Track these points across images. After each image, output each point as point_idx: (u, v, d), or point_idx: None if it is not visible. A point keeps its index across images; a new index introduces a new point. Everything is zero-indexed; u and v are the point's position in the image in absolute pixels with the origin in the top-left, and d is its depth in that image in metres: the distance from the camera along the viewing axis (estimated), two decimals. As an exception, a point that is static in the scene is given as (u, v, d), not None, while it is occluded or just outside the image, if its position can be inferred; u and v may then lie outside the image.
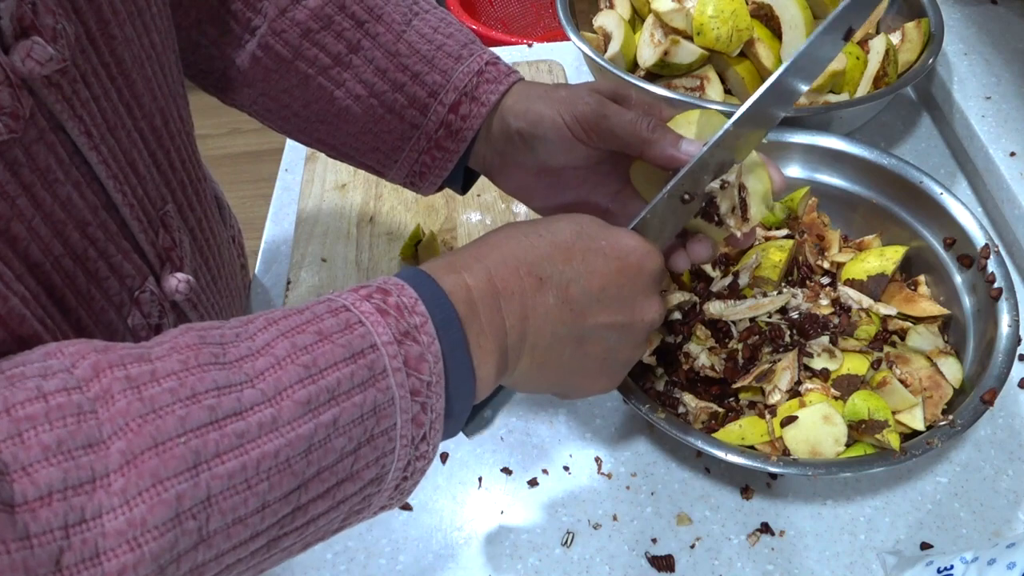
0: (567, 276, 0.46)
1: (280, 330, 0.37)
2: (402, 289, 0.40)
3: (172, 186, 0.52)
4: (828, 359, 0.64)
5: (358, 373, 0.37)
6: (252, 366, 0.35)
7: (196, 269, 0.54)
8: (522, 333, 0.45)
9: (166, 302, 0.50)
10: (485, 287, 0.44)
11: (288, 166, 0.95)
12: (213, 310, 0.57)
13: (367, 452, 0.38)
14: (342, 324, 0.38)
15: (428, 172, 0.60)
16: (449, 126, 0.57)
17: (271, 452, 0.34)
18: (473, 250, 0.46)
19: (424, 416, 0.39)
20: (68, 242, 0.41)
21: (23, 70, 0.37)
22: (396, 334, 0.38)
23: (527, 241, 0.47)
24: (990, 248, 0.67)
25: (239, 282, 0.69)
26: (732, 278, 0.71)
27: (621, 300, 0.48)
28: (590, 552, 0.61)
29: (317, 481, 0.36)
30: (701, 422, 0.64)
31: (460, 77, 0.57)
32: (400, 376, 0.38)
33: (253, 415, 0.34)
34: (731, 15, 0.83)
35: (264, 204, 0.91)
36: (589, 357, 0.49)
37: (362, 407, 0.37)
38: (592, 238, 0.48)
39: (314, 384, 0.36)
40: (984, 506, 0.63)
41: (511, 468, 0.66)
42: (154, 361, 0.34)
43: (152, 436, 0.32)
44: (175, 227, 0.51)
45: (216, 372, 0.34)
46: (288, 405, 0.35)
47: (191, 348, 0.35)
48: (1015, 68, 0.91)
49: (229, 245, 0.66)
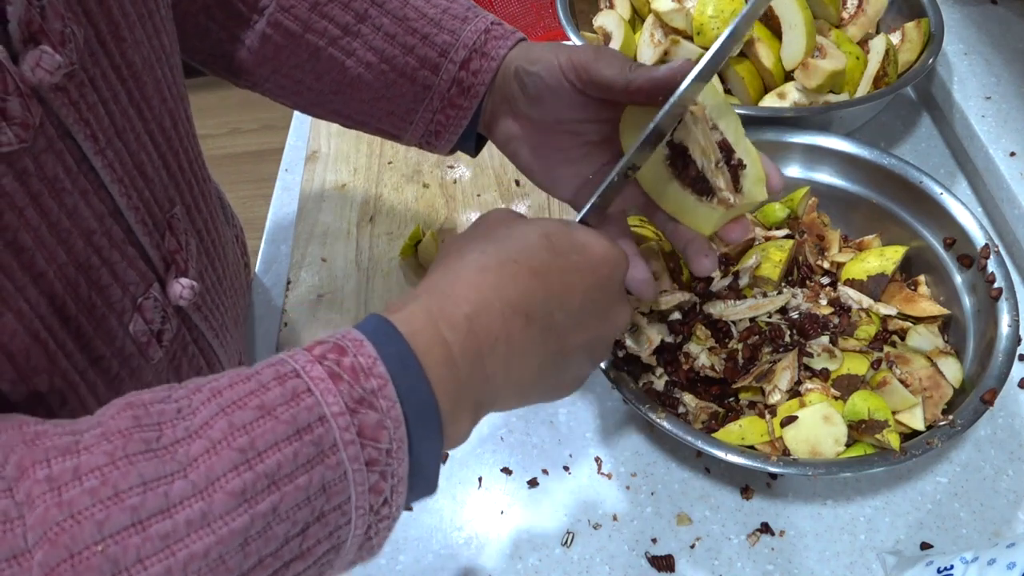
0: (549, 303, 0.44)
1: (221, 405, 0.34)
2: (360, 347, 0.37)
3: (180, 188, 0.52)
4: (828, 359, 0.64)
5: (303, 452, 0.34)
6: (187, 451, 0.33)
7: (202, 271, 0.54)
8: (504, 376, 0.43)
9: (170, 308, 0.49)
10: (467, 342, 0.40)
11: (288, 166, 0.95)
12: (217, 312, 0.56)
13: (317, 530, 0.35)
14: (288, 394, 0.35)
15: (443, 131, 0.61)
16: (461, 83, 0.58)
17: (200, 552, 0.32)
18: (453, 287, 0.42)
19: (384, 483, 0.37)
20: (72, 251, 0.41)
21: (32, 79, 0.37)
22: (349, 402, 0.35)
23: (506, 274, 0.43)
24: (990, 248, 0.67)
25: (242, 281, 0.70)
26: (732, 278, 0.71)
27: (597, 313, 0.47)
28: (590, 552, 0.61)
29: (259, 569, 0.34)
30: (701, 422, 0.64)
31: (468, 35, 0.58)
32: (353, 449, 0.35)
33: (181, 512, 0.32)
34: (731, 15, 0.83)
35: (264, 204, 0.91)
36: (566, 371, 0.48)
37: (307, 489, 0.34)
38: (563, 253, 0.46)
39: (250, 471, 0.33)
40: (984, 506, 0.63)
41: (511, 468, 0.66)
42: (80, 453, 0.32)
43: (67, 546, 0.30)
44: (182, 229, 0.51)
45: (144, 463, 0.32)
46: (220, 497, 0.32)
47: (122, 434, 0.33)
48: (1015, 68, 0.91)
49: (233, 245, 0.66)
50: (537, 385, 0.46)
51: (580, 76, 0.53)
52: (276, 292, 0.81)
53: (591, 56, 0.52)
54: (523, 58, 0.56)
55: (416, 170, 0.91)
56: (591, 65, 0.52)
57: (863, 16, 0.90)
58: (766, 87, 0.88)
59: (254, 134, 2.52)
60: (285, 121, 1.02)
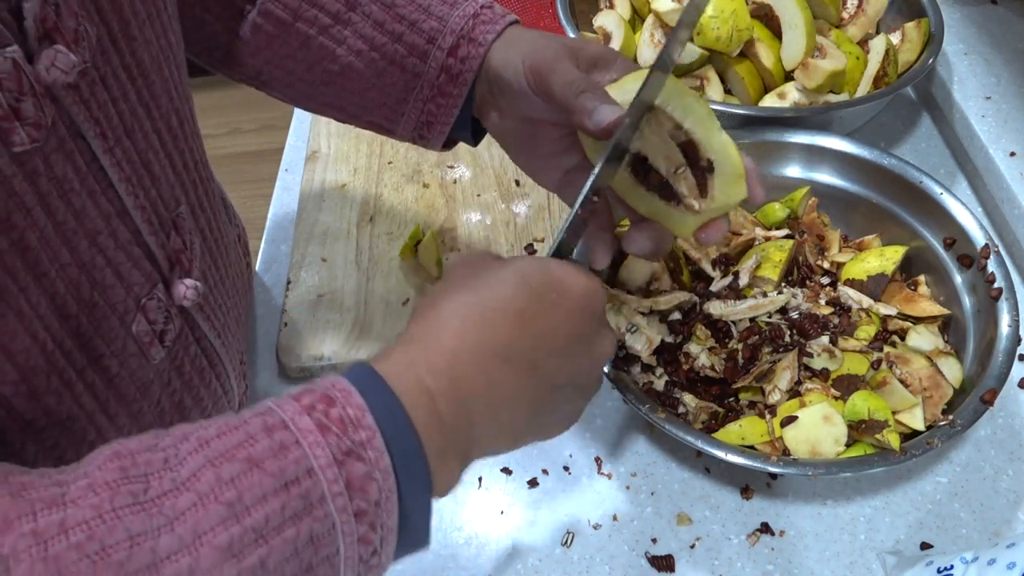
0: (532, 347, 0.43)
1: (208, 456, 0.34)
2: (348, 397, 0.37)
3: (186, 186, 0.52)
4: (828, 359, 0.64)
5: (290, 505, 0.34)
6: (173, 504, 0.33)
7: (205, 271, 0.54)
8: (489, 422, 0.42)
9: (173, 308, 0.49)
10: (448, 390, 0.40)
11: (288, 166, 0.95)
12: (220, 312, 0.56)
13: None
14: (276, 446, 0.35)
15: (435, 121, 0.60)
16: (449, 70, 0.57)
17: None
18: (435, 336, 0.42)
19: (373, 534, 0.36)
20: (76, 251, 0.41)
21: (47, 79, 0.37)
22: (337, 454, 0.35)
23: (487, 322, 0.42)
24: (990, 248, 0.67)
25: (244, 281, 0.70)
26: (732, 278, 0.71)
27: (579, 347, 0.46)
28: (590, 552, 0.61)
29: None
30: (701, 422, 0.64)
31: (456, 21, 0.57)
32: (341, 500, 0.35)
33: (168, 567, 0.32)
34: (731, 15, 0.83)
35: (264, 204, 0.91)
36: (556, 408, 0.47)
37: (295, 541, 0.34)
38: (541, 294, 0.44)
39: (238, 525, 0.33)
40: (984, 506, 0.63)
41: (511, 468, 0.66)
42: (67, 506, 0.32)
43: None
44: (187, 229, 0.51)
45: (131, 517, 0.32)
46: (207, 552, 0.32)
47: (109, 486, 0.33)
48: (1015, 68, 0.91)
49: (235, 245, 0.66)
50: (528, 427, 0.46)
51: (537, 88, 0.52)
52: (276, 292, 0.81)
53: (548, 64, 0.51)
54: (499, 60, 0.56)
55: (416, 170, 0.91)
56: (546, 79, 0.51)
57: (863, 16, 0.90)
58: (766, 87, 0.88)
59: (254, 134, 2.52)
60: (285, 121, 1.02)
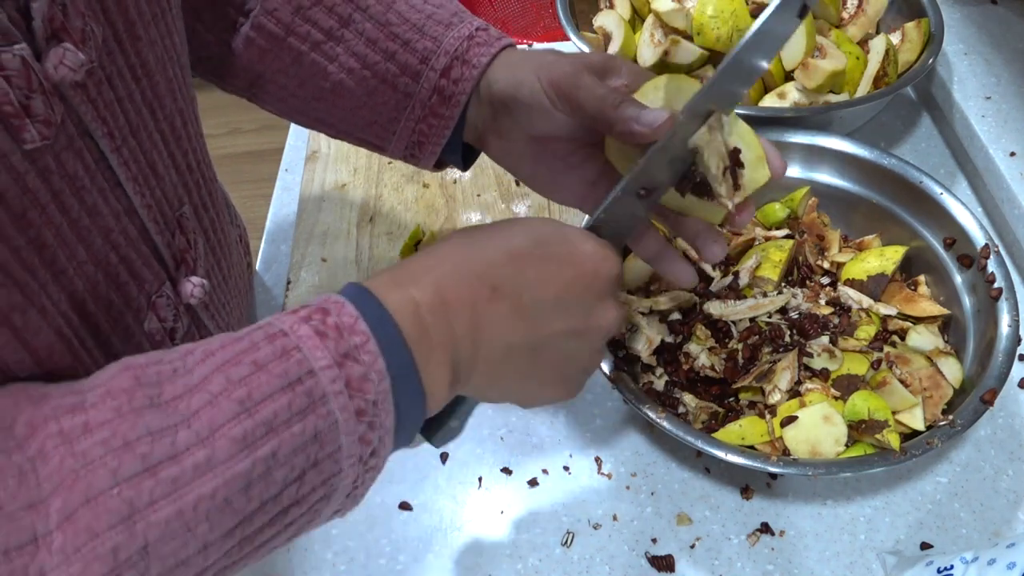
0: (520, 284, 0.45)
1: (216, 363, 0.36)
2: (342, 308, 0.39)
3: (189, 187, 0.52)
4: (828, 359, 0.64)
5: (296, 402, 0.36)
6: (187, 404, 0.35)
7: (209, 270, 0.54)
8: (474, 343, 0.44)
9: (181, 306, 0.50)
10: (433, 301, 0.42)
11: (288, 166, 0.95)
12: (224, 311, 0.57)
13: (312, 477, 0.37)
14: (278, 351, 0.37)
15: (426, 142, 0.59)
16: (442, 91, 0.57)
17: (207, 494, 0.34)
18: (422, 261, 0.45)
19: (372, 434, 0.39)
20: (91, 248, 0.41)
21: (55, 77, 0.37)
22: (335, 356, 0.38)
23: (478, 249, 0.45)
24: (990, 248, 0.67)
25: (246, 281, 0.70)
26: (732, 278, 0.71)
27: (577, 307, 0.47)
28: (590, 552, 0.61)
29: (261, 512, 0.36)
30: (701, 422, 0.64)
31: (451, 42, 0.56)
32: (342, 399, 0.37)
33: (187, 458, 0.34)
34: (731, 15, 0.83)
35: (264, 204, 0.91)
36: (545, 366, 0.48)
37: (302, 435, 0.36)
38: (547, 244, 0.47)
39: (249, 419, 0.35)
40: (984, 506, 0.63)
41: (511, 468, 0.66)
42: (88, 410, 0.34)
43: (84, 492, 0.32)
44: (191, 228, 0.51)
45: (150, 416, 0.34)
46: (223, 444, 0.34)
47: (125, 392, 0.35)
48: (1015, 68, 0.91)
49: (237, 245, 0.66)
50: (511, 373, 0.47)
51: (563, 104, 0.52)
52: (276, 292, 0.81)
53: (572, 80, 0.51)
54: (506, 81, 0.55)
55: (416, 170, 0.91)
56: (573, 94, 0.51)
57: (863, 16, 0.90)
58: (766, 87, 0.88)
59: (254, 134, 2.52)
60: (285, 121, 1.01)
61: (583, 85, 0.51)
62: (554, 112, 0.53)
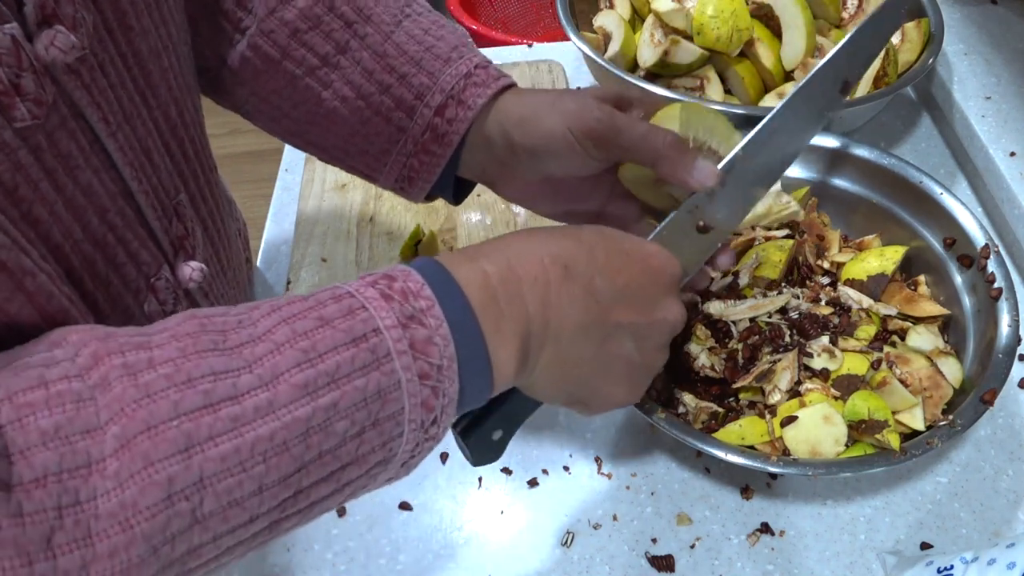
0: (591, 269, 0.46)
1: (282, 316, 0.37)
2: (408, 275, 0.40)
3: (185, 176, 0.52)
4: (828, 359, 0.64)
5: (359, 356, 0.37)
6: (251, 352, 0.36)
7: (207, 259, 0.54)
8: (545, 321, 0.44)
9: (180, 290, 0.50)
10: (505, 273, 0.43)
11: (288, 166, 0.95)
12: (223, 300, 0.57)
13: (372, 436, 0.38)
14: (344, 310, 0.38)
15: (416, 177, 0.59)
16: (435, 129, 0.56)
17: (266, 435, 0.34)
18: (493, 242, 0.46)
19: (435, 400, 0.39)
20: (88, 227, 0.42)
21: (46, 58, 0.38)
22: (400, 318, 0.38)
23: (552, 236, 0.47)
24: (990, 248, 0.67)
25: (244, 275, 0.70)
26: (732, 278, 0.71)
27: (643, 299, 0.48)
28: (590, 552, 0.61)
29: (319, 464, 0.36)
30: (701, 422, 0.64)
31: (447, 80, 0.56)
32: (406, 359, 0.38)
33: (248, 399, 0.34)
34: (731, 15, 0.83)
35: (264, 204, 0.91)
36: (612, 357, 0.48)
37: (364, 390, 0.37)
38: (615, 240, 0.48)
39: (312, 368, 0.36)
40: (984, 506, 0.63)
41: (511, 468, 0.66)
42: (153, 349, 0.34)
43: (145, 420, 0.32)
44: (188, 216, 0.51)
45: (213, 358, 0.35)
46: (285, 389, 0.35)
47: (191, 336, 0.35)
48: (1015, 68, 0.91)
49: (236, 238, 0.67)
50: (579, 361, 0.47)
51: (601, 150, 0.53)
52: (277, 291, 0.81)
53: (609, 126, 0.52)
54: (530, 133, 0.54)
55: (416, 170, 0.91)
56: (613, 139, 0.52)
57: (863, 16, 0.90)
58: (766, 87, 0.88)
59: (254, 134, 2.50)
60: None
61: (623, 127, 0.52)
62: (586, 159, 0.54)
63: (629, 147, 0.52)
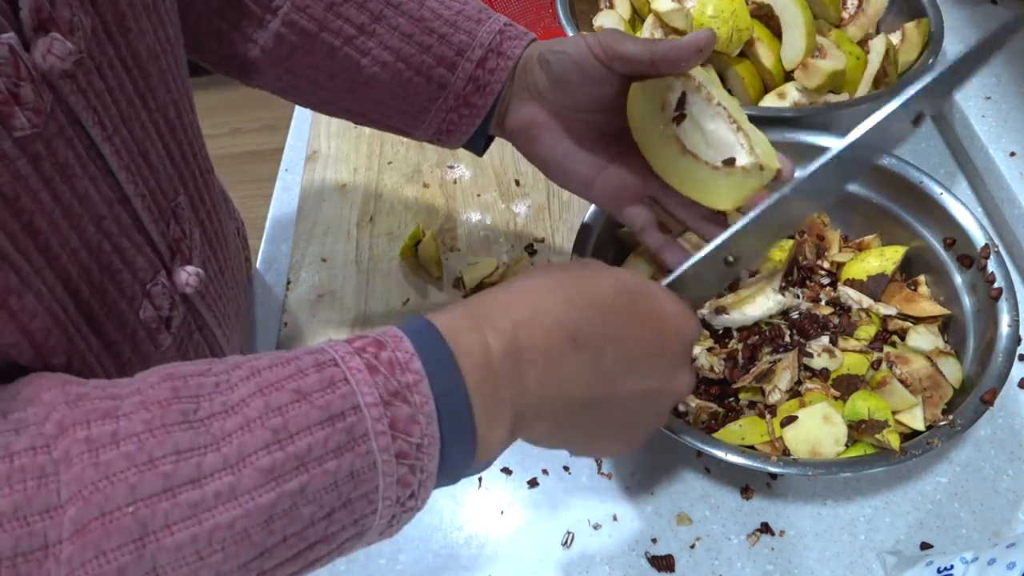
0: (603, 339, 0.43)
1: (259, 384, 0.36)
2: (399, 343, 0.38)
3: (184, 177, 0.52)
4: (828, 359, 0.64)
5: (334, 437, 0.35)
6: (221, 427, 0.34)
7: (205, 261, 0.54)
8: (544, 396, 0.42)
9: (177, 295, 0.50)
10: (508, 348, 0.40)
11: (288, 166, 0.95)
12: (221, 301, 0.57)
13: (343, 515, 0.36)
14: (325, 381, 0.36)
15: (455, 129, 0.62)
16: (477, 81, 0.59)
17: (226, 523, 0.33)
18: (502, 297, 0.42)
19: (413, 476, 0.37)
20: (84, 235, 0.42)
21: (43, 66, 0.38)
22: (384, 394, 0.36)
23: (563, 297, 0.43)
24: (990, 248, 0.67)
25: (243, 275, 0.70)
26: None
27: (655, 369, 0.46)
28: (590, 552, 0.61)
29: (282, 547, 0.35)
30: (701, 422, 0.64)
31: (484, 35, 0.59)
32: (384, 440, 0.36)
33: (211, 483, 0.33)
34: (731, 15, 0.83)
35: (264, 204, 0.91)
36: (612, 422, 0.47)
37: (336, 473, 0.35)
38: (632, 299, 0.45)
39: (281, 451, 0.34)
40: (984, 506, 0.63)
41: (511, 468, 0.66)
42: (120, 418, 0.33)
43: (100, 505, 0.31)
44: (186, 218, 0.51)
45: (180, 434, 0.33)
46: (250, 473, 0.33)
47: (161, 404, 0.34)
48: (1015, 68, 0.91)
49: (234, 237, 0.67)
50: (575, 427, 0.45)
51: (606, 52, 0.54)
52: (277, 291, 0.81)
53: (616, 36, 0.54)
54: (545, 47, 0.58)
55: (416, 170, 0.91)
56: (616, 44, 0.54)
57: (863, 16, 0.90)
58: (766, 87, 0.88)
59: (254, 134, 2.52)
60: (285, 121, 1.02)
61: (627, 37, 0.54)
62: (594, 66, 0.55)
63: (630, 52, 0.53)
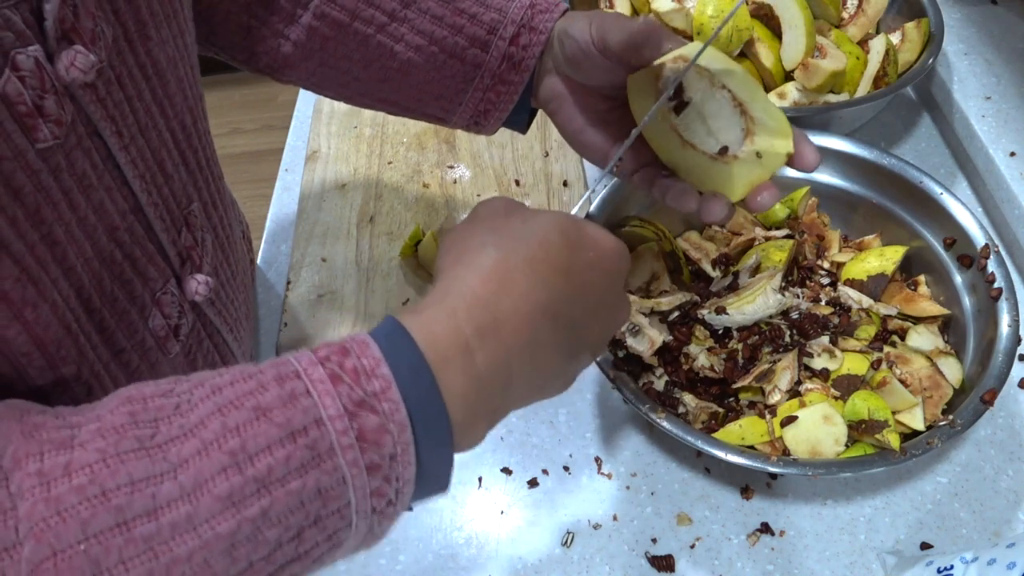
0: (572, 302, 0.43)
1: (217, 404, 0.34)
2: (364, 349, 0.36)
3: (198, 184, 0.52)
4: (828, 359, 0.64)
5: (296, 455, 0.33)
6: (179, 451, 0.33)
7: (216, 267, 0.54)
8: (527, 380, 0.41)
9: (186, 303, 0.50)
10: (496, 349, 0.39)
11: (288, 166, 0.95)
12: (231, 307, 0.57)
13: (313, 534, 0.35)
14: (286, 396, 0.34)
15: (493, 109, 0.61)
16: (511, 58, 0.59)
17: (183, 556, 0.31)
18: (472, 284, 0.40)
19: (388, 487, 0.35)
20: (97, 245, 0.42)
21: (67, 78, 0.38)
22: (348, 404, 0.34)
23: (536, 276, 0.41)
24: (990, 248, 0.67)
25: (248, 276, 0.70)
26: (732, 278, 0.71)
27: (607, 309, 0.46)
28: (590, 552, 0.61)
29: (250, 572, 0.34)
30: (701, 422, 0.64)
31: (515, 12, 0.59)
32: (352, 453, 0.34)
33: (166, 514, 0.31)
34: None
35: (264, 204, 0.91)
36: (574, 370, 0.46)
37: (301, 493, 0.33)
38: (580, 249, 0.44)
39: (239, 475, 0.32)
40: (984, 506, 0.63)
41: (511, 468, 0.66)
42: (74, 448, 0.32)
43: (51, 544, 0.30)
44: (198, 226, 0.52)
45: (135, 463, 0.32)
46: (207, 501, 0.32)
47: (117, 431, 0.33)
48: (1015, 68, 0.91)
49: (241, 240, 0.67)
50: (549, 383, 0.45)
51: (598, 43, 0.54)
52: (277, 291, 0.81)
53: (609, 24, 0.53)
54: (562, 27, 0.58)
55: (416, 170, 0.91)
56: (607, 33, 0.53)
57: (863, 16, 0.90)
58: (766, 87, 0.88)
59: (254, 134, 2.52)
60: (285, 121, 1.02)
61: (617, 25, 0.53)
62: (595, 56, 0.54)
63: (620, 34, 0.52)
